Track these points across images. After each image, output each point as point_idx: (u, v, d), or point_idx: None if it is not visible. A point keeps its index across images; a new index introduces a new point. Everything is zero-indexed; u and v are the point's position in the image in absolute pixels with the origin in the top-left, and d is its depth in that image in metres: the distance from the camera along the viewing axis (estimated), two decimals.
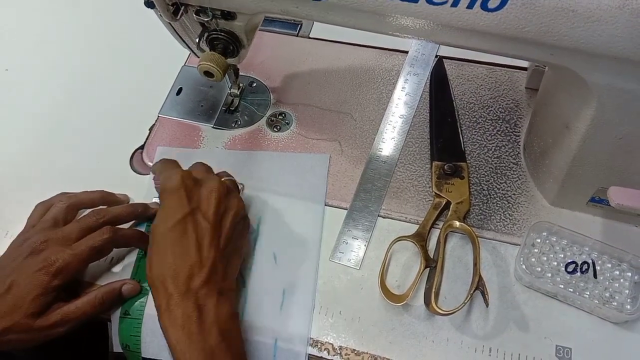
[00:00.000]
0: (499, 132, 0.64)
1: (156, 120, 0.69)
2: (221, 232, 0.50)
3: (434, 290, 0.53)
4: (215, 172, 0.57)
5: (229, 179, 0.57)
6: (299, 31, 0.76)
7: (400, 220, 0.59)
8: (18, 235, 0.55)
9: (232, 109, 0.69)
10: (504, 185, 0.60)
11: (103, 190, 0.60)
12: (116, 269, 0.58)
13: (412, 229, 0.58)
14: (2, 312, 0.47)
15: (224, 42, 0.55)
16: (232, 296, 0.50)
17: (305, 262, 0.57)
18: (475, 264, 0.53)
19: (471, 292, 0.51)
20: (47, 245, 0.51)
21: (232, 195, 0.53)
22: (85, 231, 0.53)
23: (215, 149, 0.66)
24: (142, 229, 0.58)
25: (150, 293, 0.54)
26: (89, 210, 0.57)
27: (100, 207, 0.56)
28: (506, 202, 0.59)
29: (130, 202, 0.61)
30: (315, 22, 0.76)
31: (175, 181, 0.50)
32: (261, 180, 0.62)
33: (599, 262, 0.54)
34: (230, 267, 0.51)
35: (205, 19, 0.53)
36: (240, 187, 0.58)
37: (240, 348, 0.48)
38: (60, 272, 0.49)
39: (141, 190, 0.63)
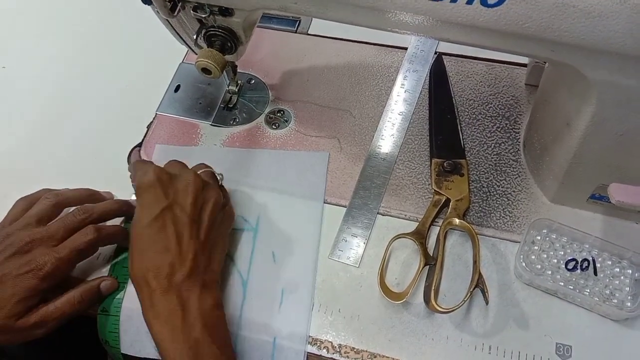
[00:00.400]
0: (499, 129, 0.64)
1: (154, 118, 0.69)
2: (200, 224, 0.50)
3: (433, 288, 0.52)
4: (216, 169, 0.57)
5: (206, 170, 0.56)
6: (297, 28, 0.76)
7: (399, 217, 0.59)
8: None
9: (231, 106, 0.68)
10: (503, 183, 0.60)
11: (89, 188, 0.59)
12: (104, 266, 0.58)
13: (412, 226, 0.57)
14: None
15: (221, 38, 0.54)
16: (215, 287, 0.50)
17: (304, 261, 0.57)
18: (475, 262, 0.53)
19: (471, 289, 0.51)
20: (33, 246, 0.50)
21: (210, 186, 0.53)
22: (70, 231, 0.52)
23: (213, 147, 0.65)
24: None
25: (126, 289, 0.55)
26: (73, 208, 0.56)
27: (85, 204, 0.55)
28: (506, 199, 0.59)
29: (114, 199, 0.61)
30: (313, 19, 0.76)
31: (151, 177, 0.50)
32: (260, 178, 0.62)
33: (599, 259, 0.53)
34: (212, 259, 0.51)
35: (203, 16, 0.52)
36: (219, 178, 0.57)
37: (226, 339, 0.48)
38: (49, 276, 0.49)
39: None
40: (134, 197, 0.60)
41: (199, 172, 0.54)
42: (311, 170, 0.62)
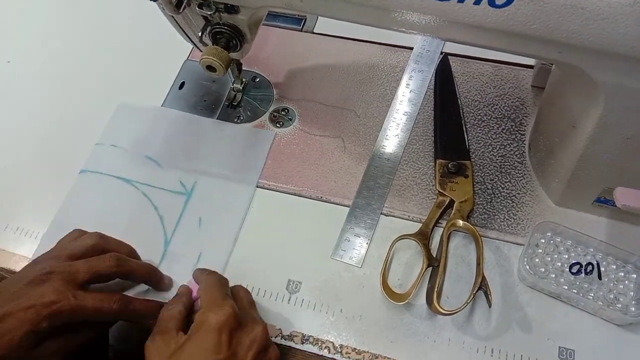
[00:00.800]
0: (504, 131, 0.63)
1: None
2: None
3: (436, 289, 0.52)
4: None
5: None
6: (303, 26, 0.75)
7: (403, 218, 0.59)
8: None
9: (235, 104, 0.68)
10: (508, 185, 0.60)
11: (129, 245, 0.55)
12: None
13: (415, 227, 0.57)
14: None
15: (226, 36, 0.54)
16: None
17: (226, 232, 0.59)
18: (479, 264, 0.53)
19: (474, 292, 0.51)
20: (50, 277, 0.47)
21: (273, 347, 0.47)
22: (94, 275, 0.49)
23: (171, 111, 0.68)
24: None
25: None
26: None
27: (120, 255, 0.52)
28: (510, 202, 0.58)
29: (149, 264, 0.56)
30: (319, 17, 0.75)
31: (223, 318, 0.45)
32: (204, 146, 0.65)
33: (604, 263, 0.53)
34: None
35: (208, 13, 0.52)
36: None
37: None
38: (51, 318, 0.45)
39: None
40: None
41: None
42: (254, 146, 0.64)
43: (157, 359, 0.44)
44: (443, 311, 0.50)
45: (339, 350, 0.52)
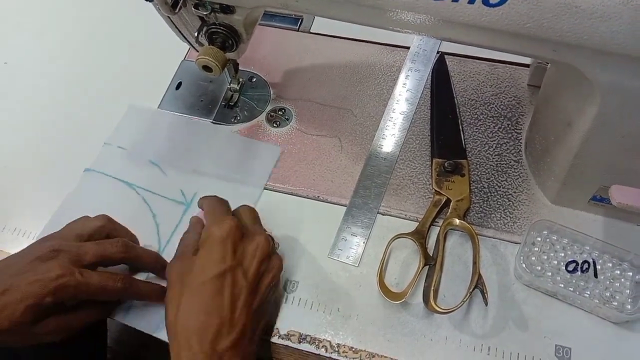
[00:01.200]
0: (501, 130, 0.63)
1: None
2: (257, 293, 0.48)
3: (432, 288, 0.52)
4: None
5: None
6: (299, 26, 0.75)
7: (399, 217, 0.59)
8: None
9: (232, 104, 0.68)
10: (504, 183, 0.60)
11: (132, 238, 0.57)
12: None
13: (412, 226, 0.57)
14: None
15: (222, 36, 0.54)
16: None
17: None
18: (475, 262, 0.53)
19: (470, 290, 0.51)
20: (56, 255, 0.48)
21: (275, 255, 0.51)
22: (101, 258, 0.50)
23: (173, 115, 0.68)
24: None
25: None
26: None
27: (127, 240, 0.53)
28: (507, 200, 0.59)
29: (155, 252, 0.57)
30: (316, 17, 0.76)
31: (225, 230, 0.48)
32: (208, 157, 0.64)
33: (600, 261, 0.53)
34: (256, 329, 0.49)
35: (204, 13, 0.52)
36: (276, 245, 0.55)
37: None
38: (56, 292, 0.46)
39: None
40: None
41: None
42: (259, 160, 0.63)
43: (175, 277, 0.48)
44: (440, 310, 0.51)
45: (336, 349, 0.52)
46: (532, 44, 0.43)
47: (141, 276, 0.55)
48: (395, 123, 0.65)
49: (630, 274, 0.52)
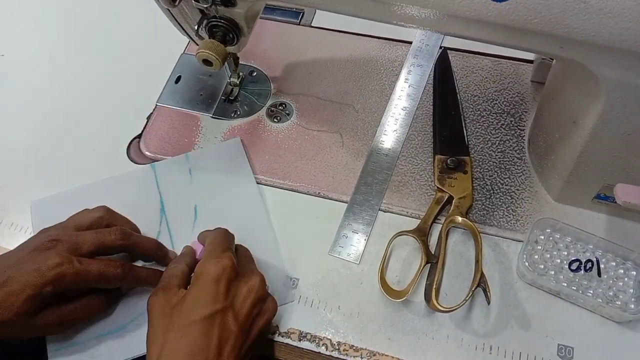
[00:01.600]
0: (504, 126, 0.63)
1: (154, 109, 0.68)
2: (247, 338, 0.46)
3: (434, 286, 0.52)
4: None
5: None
6: (300, 20, 0.75)
7: (401, 214, 0.58)
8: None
9: (232, 98, 0.68)
10: (507, 181, 0.59)
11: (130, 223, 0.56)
12: None
13: (414, 223, 0.57)
14: None
15: (223, 29, 0.53)
16: None
17: (262, 241, 0.56)
18: (477, 261, 0.52)
19: (472, 289, 0.50)
20: (54, 245, 0.48)
21: (270, 298, 0.49)
22: (99, 246, 0.49)
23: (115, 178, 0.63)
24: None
25: None
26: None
27: (126, 229, 0.52)
28: (509, 198, 0.58)
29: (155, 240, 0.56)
30: (317, 11, 0.75)
31: (220, 269, 0.46)
32: (191, 182, 0.61)
33: (603, 260, 0.53)
34: None
35: (205, 6, 0.51)
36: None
37: None
38: (55, 281, 0.46)
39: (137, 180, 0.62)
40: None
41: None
42: (233, 160, 0.62)
43: (159, 312, 0.46)
44: (441, 308, 0.50)
45: (337, 347, 0.52)
46: (539, 40, 0.42)
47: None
48: (397, 119, 0.64)
49: (634, 273, 0.52)
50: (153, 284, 0.51)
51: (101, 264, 0.49)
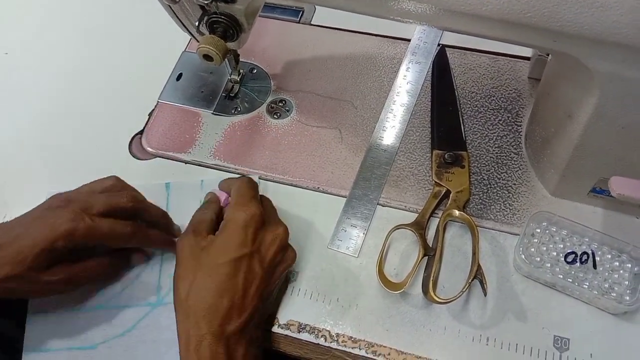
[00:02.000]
0: (501, 122, 0.63)
1: (156, 106, 0.69)
2: (270, 281, 0.49)
3: (432, 278, 0.52)
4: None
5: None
6: (300, 18, 0.75)
7: (399, 208, 0.59)
8: None
9: (232, 95, 0.68)
10: (504, 175, 0.60)
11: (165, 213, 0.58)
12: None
13: (411, 217, 0.57)
14: (6, 260, 0.47)
15: (223, 25, 0.54)
16: (259, 344, 0.49)
17: None
18: (474, 253, 0.53)
19: (469, 281, 0.51)
20: (67, 204, 0.50)
21: (291, 248, 0.52)
22: (110, 208, 0.51)
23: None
24: None
25: None
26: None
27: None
28: (506, 192, 0.59)
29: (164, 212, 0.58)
30: (317, 10, 0.75)
31: (249, 216, 0.49)
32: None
33: (599, 252, 0.53)
34: (263, 315, 0.51)
35: (205, 2, 0.52)
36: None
37: None
38: (67, 236, 0.48)
39: (139, 175, 0.63)
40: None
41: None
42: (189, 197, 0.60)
43: (189, 252, 0.49)
44: (439, 300, 0.51)
45: (335, 338, 0.52)
46: (533, 34, 0.43)
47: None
48: (396, 115, 0.65)
49: (629, 265, 0.52)
50: (160, 244, 0.55)
51: (111, 223, 0.50)
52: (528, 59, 0.67)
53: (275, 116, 0.66)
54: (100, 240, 0.51)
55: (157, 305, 0.55)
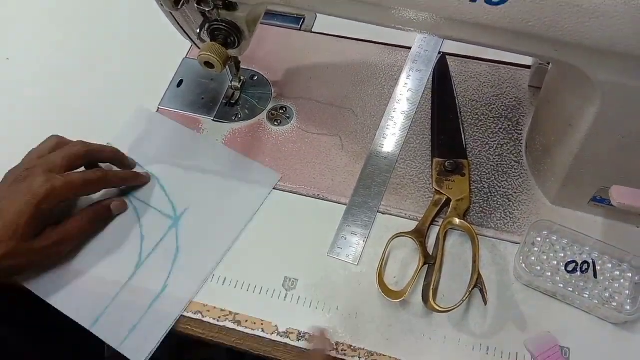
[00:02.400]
0: (501, 130, 0.63)
1: (157, 112, 0.69)
2: None
3: (432, 287, 0.52)
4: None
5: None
6: (301, 26, 0.75)
7: (399, 216, 0.59)
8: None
9: (233, 102, 0.68)
10: (505, 183, 0.60)
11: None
12: None
13: (412, 225, 0.57)
14: None
15: (225, 32, 0.54)
16: None
17: (199, 269, 0.56)
18: (475, 262, 0.53)
19: (470, 289, 0.51)
20: (30, 172, 0.52)
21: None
22: (69, 160, 0.54)
23: (185, 130, 0.67)
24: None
25: None
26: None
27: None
28: (507, 200, 0.59)
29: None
30: (318, 17, 0.76)
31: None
32: (208, 174, 0.63)
33: (600, 262, 0.53)
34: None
35: (207, 9, 0.52)
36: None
37: None
38: (48, 197, 0.51)
39: None
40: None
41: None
42: (256, 186, 0.61)
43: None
44: (439, 309, 0.51)
45: (335, 347, 0.52)
46: (533, 43, 0.43)
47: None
48: (396, 122, 0.65)
49: (630, 275, 0.52)
50: (129, 180, 0.60)
51: (81, 172, 0.55)
52: (529, 67, 0.67)
53: (275, 123, 0.66)
54: (77, 192, 0.55)
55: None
